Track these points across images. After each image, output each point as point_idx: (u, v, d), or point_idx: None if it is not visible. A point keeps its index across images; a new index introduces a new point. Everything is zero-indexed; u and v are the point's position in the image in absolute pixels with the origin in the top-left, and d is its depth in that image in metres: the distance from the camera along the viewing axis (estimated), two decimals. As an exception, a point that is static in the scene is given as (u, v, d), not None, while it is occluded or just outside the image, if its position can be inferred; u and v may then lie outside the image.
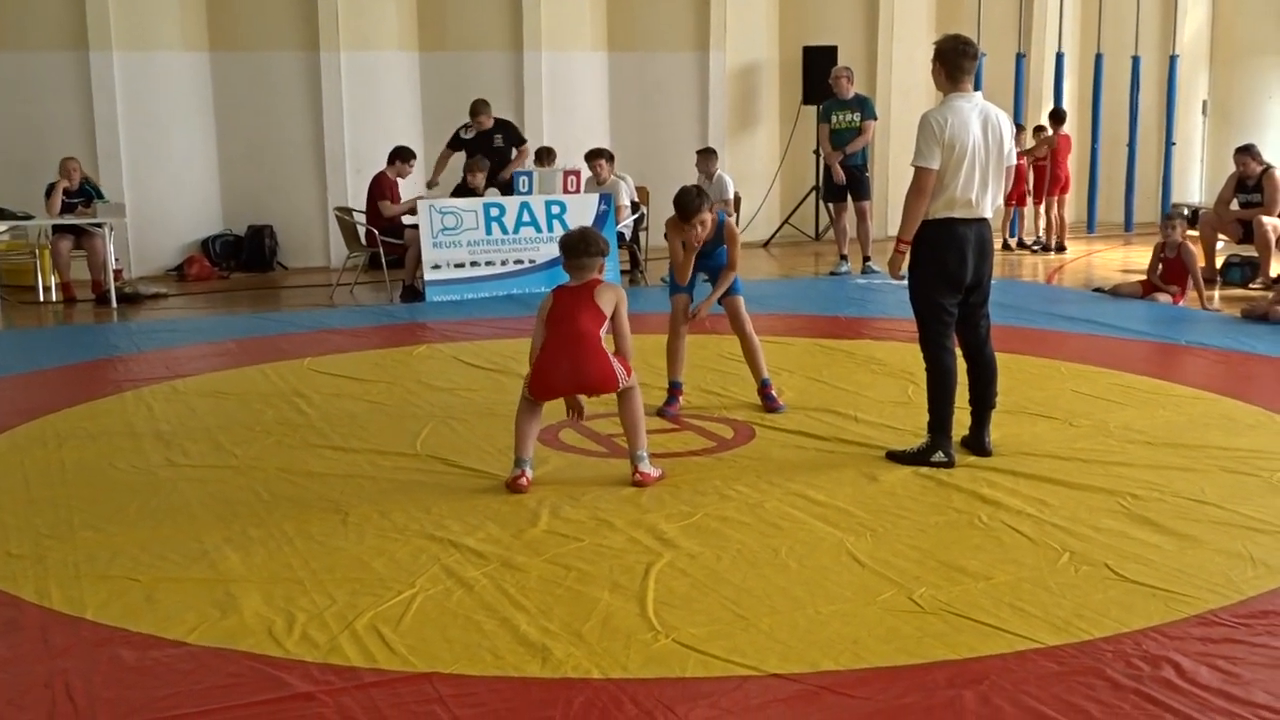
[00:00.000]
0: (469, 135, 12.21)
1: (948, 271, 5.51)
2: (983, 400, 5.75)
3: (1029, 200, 14.32)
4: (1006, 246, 14.20)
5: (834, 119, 11.87)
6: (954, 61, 5.48)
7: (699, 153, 12.10)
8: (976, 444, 5.72)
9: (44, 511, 5.05)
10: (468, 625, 3.87)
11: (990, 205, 5.55)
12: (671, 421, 6.47)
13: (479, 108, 12.19)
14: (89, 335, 9.49)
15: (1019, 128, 14.23)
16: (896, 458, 5.65)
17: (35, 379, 7.77)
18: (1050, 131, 14.14)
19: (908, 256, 5.66)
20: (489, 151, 11.99)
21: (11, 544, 4.66)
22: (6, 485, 5.45)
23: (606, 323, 5.30)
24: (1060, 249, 14.00)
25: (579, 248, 5.38)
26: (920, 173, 5.42)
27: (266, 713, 3.31)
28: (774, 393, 6.69)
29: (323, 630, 3.83)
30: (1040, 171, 14.13)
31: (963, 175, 5.41)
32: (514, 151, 12.29)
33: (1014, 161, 5.67)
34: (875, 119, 11.99)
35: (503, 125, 12.39)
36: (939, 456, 5.54)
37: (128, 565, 4.42)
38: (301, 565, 4.40)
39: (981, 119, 5.47)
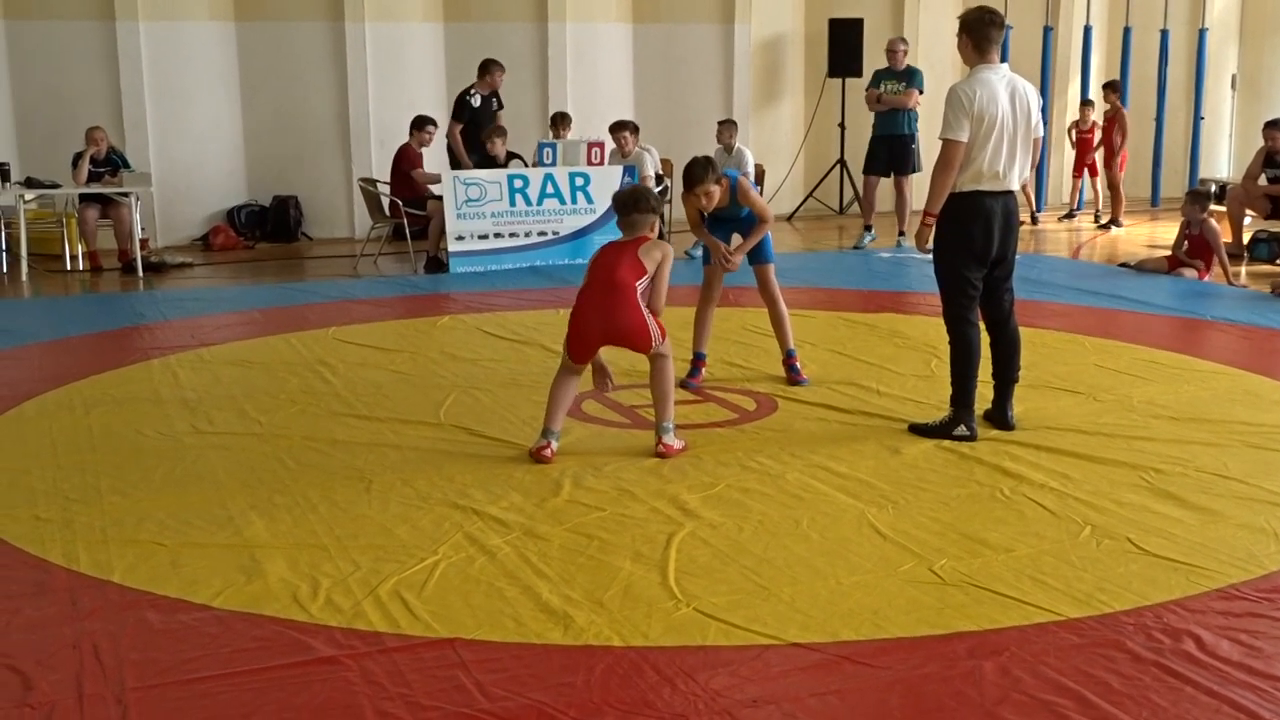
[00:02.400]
0: (477, 102, 11.99)
1: (973, 244, 5.49)
2: (1006, 374, 5.74)
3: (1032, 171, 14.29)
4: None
5: (883, 88, 12.05)
6: (981, 33, 5.46)
7: (720, 123, 12.08)
8: (999, 418, 5.71)
9: (71, 476, 5.10)
10: (490, 592, 3.89)
11: (1018, 178, 5.54)
12: (694, 393, 6.47)
13: (490, 67, 11.96)
14: (115, 303, 9.55)
15: (1087, 103, 14.21)
16: (919, 431, 5.64)
17: (62, 346, 7.83)
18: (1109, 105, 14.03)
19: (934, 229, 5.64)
20: (491, 118, 11.92)
21: (40, 508, 4.71)
22: (35, 450, 5.50)
23: (646, 280, 5.31)
24: (1097, 220, 13.98)
25: (629, 204, 5.43)
26: (949, 145, 5.40)
27: (291, 676, 3.35)
28: (798, 364, 6.68)
29: (347, 596, 3.86)
30: (1086, 144, 14.09)
31: (990, 148, 5.39)
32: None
33: (1041, 134, 5.64)
34: (922, 91, 12.00)
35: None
36: (961, 430, 5.53)
37: (154, 530, 4.46)
38: (326, 532, 4.44)
39: (1009, 91, 5.45)
